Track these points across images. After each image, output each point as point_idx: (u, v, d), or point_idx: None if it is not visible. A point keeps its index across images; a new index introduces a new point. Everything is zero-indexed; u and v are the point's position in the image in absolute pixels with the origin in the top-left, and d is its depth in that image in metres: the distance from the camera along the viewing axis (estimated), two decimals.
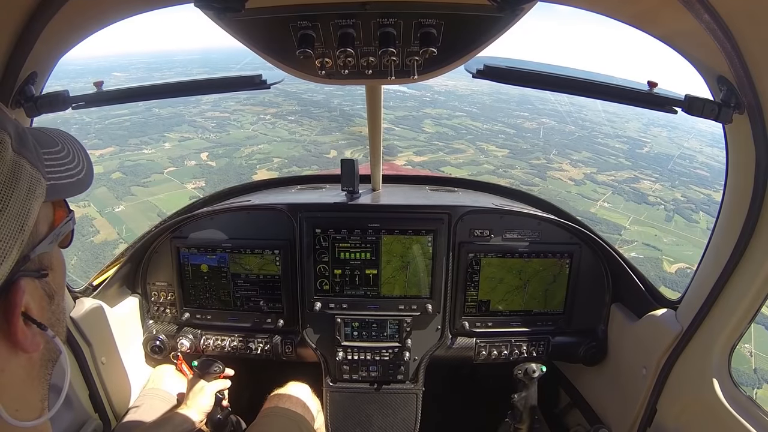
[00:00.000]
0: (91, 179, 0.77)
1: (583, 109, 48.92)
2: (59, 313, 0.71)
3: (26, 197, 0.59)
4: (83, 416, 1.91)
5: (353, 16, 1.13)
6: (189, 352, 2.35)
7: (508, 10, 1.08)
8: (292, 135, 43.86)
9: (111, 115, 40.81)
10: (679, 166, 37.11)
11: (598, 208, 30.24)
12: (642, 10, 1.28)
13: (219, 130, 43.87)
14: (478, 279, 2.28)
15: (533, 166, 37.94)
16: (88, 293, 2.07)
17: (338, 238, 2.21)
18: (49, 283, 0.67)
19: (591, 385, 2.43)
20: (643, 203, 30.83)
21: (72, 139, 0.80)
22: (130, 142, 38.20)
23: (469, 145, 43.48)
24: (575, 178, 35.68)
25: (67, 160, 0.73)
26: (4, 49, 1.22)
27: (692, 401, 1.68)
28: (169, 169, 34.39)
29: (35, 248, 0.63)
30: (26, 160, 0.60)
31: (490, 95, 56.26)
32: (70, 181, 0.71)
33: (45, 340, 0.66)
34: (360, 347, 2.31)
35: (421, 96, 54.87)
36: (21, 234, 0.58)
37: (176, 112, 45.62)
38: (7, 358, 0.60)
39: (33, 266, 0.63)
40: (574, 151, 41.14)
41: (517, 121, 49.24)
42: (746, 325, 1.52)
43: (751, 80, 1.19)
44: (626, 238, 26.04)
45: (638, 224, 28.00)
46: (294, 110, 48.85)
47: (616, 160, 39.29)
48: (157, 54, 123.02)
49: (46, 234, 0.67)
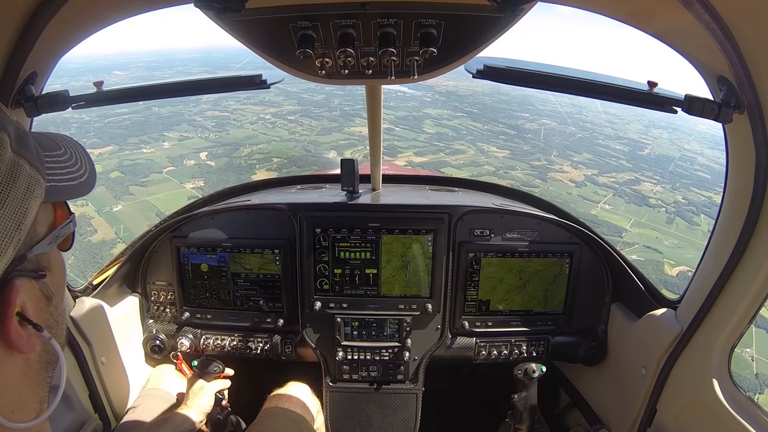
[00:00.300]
0: (93, 183, 0.77)
1: (583, 110, 48.88)
2: (58, 315, 0.70)
3: (24, 196, 0.59)
4: (83, 416, 1.91)
5: (353, 16, 1.13)
6: (189, 351, 2.35)
7: (508, 10, 1.08)
8: (291, 135, 43.82)
9: (110, 114, 40.75)
10: (680, 168, 37.14)
11: (599, 210, 30.22)
12: (642, 10, 1.28)
13: (219, 130, 43.80)
14: (478, 279, 2.28)
15: (534, 168, 37.91)
16: (88, 293, 2.07)
17: (338, 238, 2.21)
18: (47, 284, 0.67)
19: (591, 385, 2.43)
20: (644, 205, 30.81)
21: (75, 143, 0.80)
22: (129, 141, 38.17)
23: (470, 145, 43.52)
24: (576, 179, 35.69)
25: (69, 163, 0.73)
26: (4, 49, 1.22)
27: (692, 401, 1.68)
28: (168, 168, 34.35)
29: (33, 248, 0.63)
30: (25, 161, 0.61)
31: (490, 96, 56.20)
32: (71, 184, 0.72)
33: (42, 341, 0.65)
34: (360, 347, 2.31)
35: (421, 96, 54.85)
36: (17, 232, 0.58)
37: (176, 111, 45.50)
38: (3, 359, 0.60)
39: (30, 266, 0.63)
40: (575, 153, 41.15)
41: (518, 122, 49.24)
42: (746, 325, 1.52)
43: (751, 80, 1.19)
44: (627, 241, 25.98)
45: (639, 226, 27.97)
46: (294, 110, 48.81)
47: (617, 162, 39.27)
48: (158, 53, 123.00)
49: (45, 234, 0.67)
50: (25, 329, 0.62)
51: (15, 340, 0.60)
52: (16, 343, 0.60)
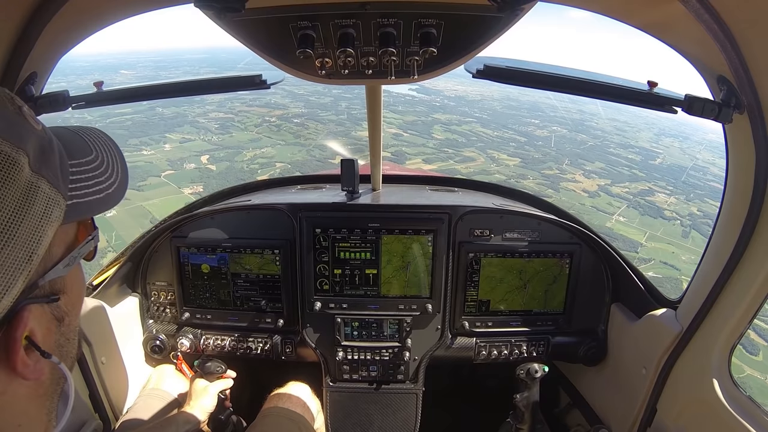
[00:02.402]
0: (122, 193, 0.71)
1: (594, 117, 48.46)
2: (69, 333, 0.66)
3: (39, 222, 0.54)
4: (83, 416, 1.91)
5: (353, 16, 1.13)
6: (189, 351, 2.35)
7: (508, 10, 1.08)
8: (297, 138, 43.11)
9: (113, 114, 40.18)
10: (692, 178, 36.53)
11: (614, 222, 29.65)
12: (642, 10, 1.28)
13: (222, 132, 43.19)
14: (478, 279, 2.28)
15: (546, 177, 37.39)
16: (88, 293, 2.08)
17: (338, 238, 2.21)
18: (60, 306, 0.62)
19: (591, 385, 2.43)
20: (659, 217, 30.25)
21: (108, 141, 0.74)
22: (129, 143, 37.63)
23: (480, 153, 43.02)
24: (589, 189, 35.22)
25: (98, 172, 0.67)
26: (4, 49, 1.22)
27: (692, 401, 1.68)
28: (166, 172, 33.78)
29: (47, 274, 0.58)
30: (45, 180, 0.56)
31: (500, 101, 55.59)
32: (97, 198, 0.66)
33: (50, 366, 0.62)
34: (360, 347, 2.31)
35: (431, 101, 54.31)
36: (29, 264, 0.53)
37: (180, 112, 44.80)
38: (8, 382, 0.57)
39: (42, 293, 0.59)
40: (587, 161, 40.65)
41: (528, 129, 48.66)
42: (746, 325, 1.52)
43: (751, 80, 1.19)
44: (643, 256, 25.36)
45: (655, 240, 27.38)
46: (300, 112, 47.88)
47: (630, 172, 38.80)
48: (165, 52, 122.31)
49: (62, 257, 0.61)
50: (31, 355, 0.58)
51: (21, 371, 0.56)
52: (21, 373, 0.56)
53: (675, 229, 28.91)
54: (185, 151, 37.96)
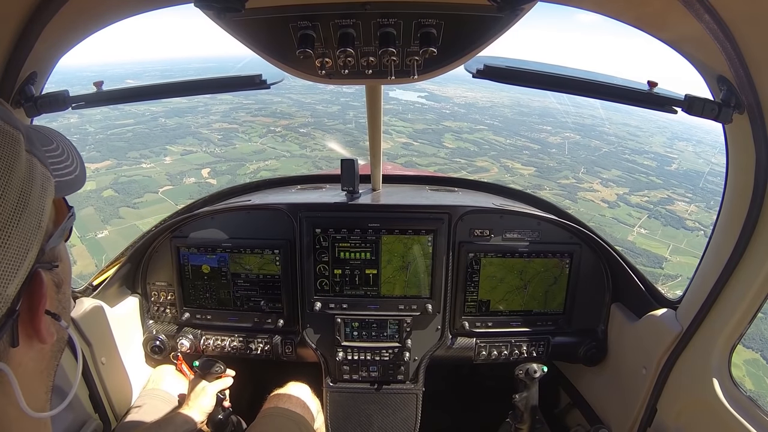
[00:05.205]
0: (84, 178, 0.79)
1: (606, 121, 47.62)
2: (65, 302, 0.72)
3: (41, 195, 0.61)
4: (83, 416, 1.91)
5: (353, 16, 1.13)
6: (189, 352, 2.35)
7: (508, 10, 1.08)
8: (302, 150, 41.81)
9: (114, 125, 39.12)
10: (710, 184, 35.05)
11: (636, 235, 28.34)
12: (642, 10, 1.28)
13: (225, 143, 41.99)
14: (478, 279, 2.28)
15: (562, 186, 36.18)
16: (88, 293, 2.07)
17: (338, 238, 2.20)
18: (58, 273, 0.69)
19: (591, 385, 2.43)
20: (682, 228, 28.88)
21: (63, 137, 0.81)
22: (129, 156, 36.66)
23: (493, 162, 41.74)
24: (608, 199, 33.97)
25: (63, 158, 0.74)
26: (4, 49, 1.22)
27: (692, 401, 1.68)
28: (164, 187, 32.45)
29: (48, 242, 0.65)
30: (37, 159, 0.62)
31: (510, 108, 54.06)
32: (69, 179, 0.72)
33: (57, 329, 0.67)
34: (360, 347, 2.30)
35: (440, 108, 52.98)
36: (39, 231, 0.60)
37: (182, 123, 43.50)
38: (25, 352, 0.62)
39: (47, 259, 0.65)
40: (603, 169, 39.45)
41: (540, 136, 47.37)
42: (746, 325, 1.52)
43: (751, 80, 1.19)
44: (670, 273, 23.70)
45: (679, 253, 25.97)
46: (307, 122, 46.46)
47: (647, 179, 37.69)
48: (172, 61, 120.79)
49: (54, 229, 0.68)
50: (43, 317, 0.63)
51: (43, 331, 0.62)
52: (42, 333, 0.62)
53: (699, 240, 27.09)
54: (186, 164, 36.96)
